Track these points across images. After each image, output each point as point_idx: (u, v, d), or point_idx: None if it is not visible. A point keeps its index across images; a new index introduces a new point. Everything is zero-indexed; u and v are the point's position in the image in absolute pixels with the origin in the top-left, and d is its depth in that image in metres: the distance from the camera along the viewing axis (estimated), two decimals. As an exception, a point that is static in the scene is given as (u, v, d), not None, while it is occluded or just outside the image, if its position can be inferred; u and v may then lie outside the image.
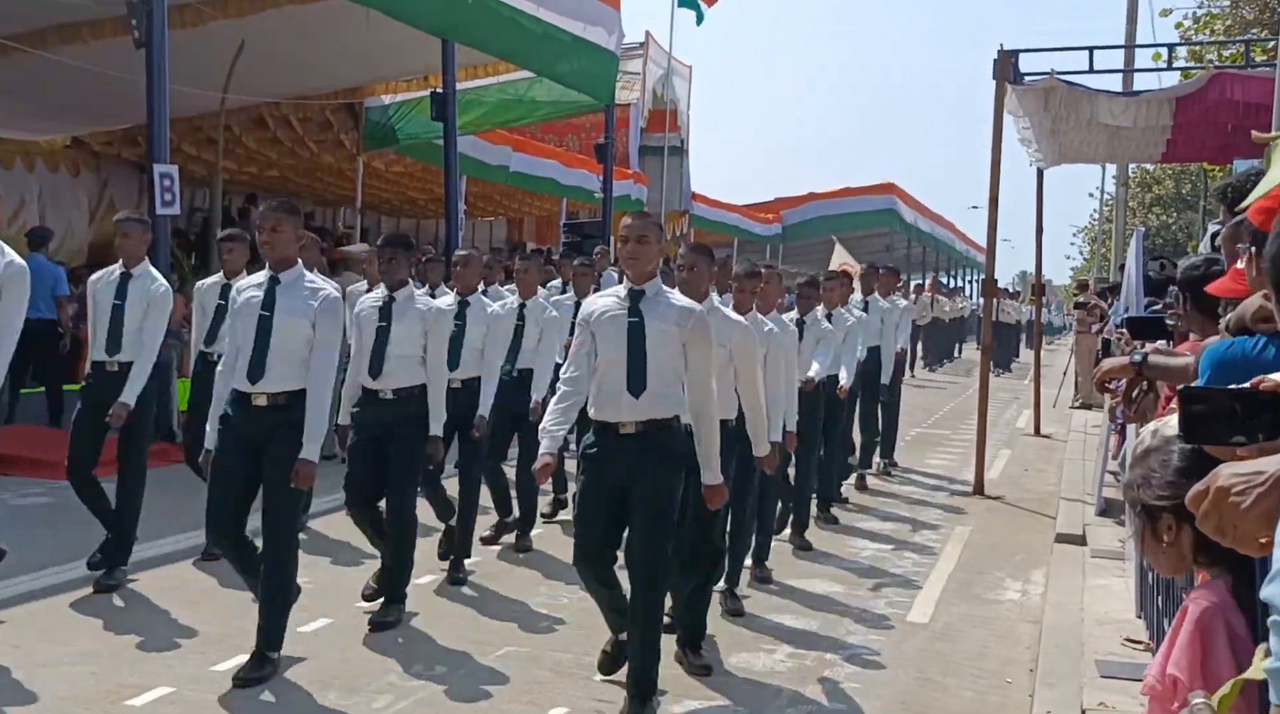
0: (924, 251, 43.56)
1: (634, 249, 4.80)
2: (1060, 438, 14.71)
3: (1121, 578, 7.09)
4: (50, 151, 15.75)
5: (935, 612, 6.76)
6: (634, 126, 24.84)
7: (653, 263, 4.83)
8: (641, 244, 4.81)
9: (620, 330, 4.75)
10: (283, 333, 5.09)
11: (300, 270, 5.23)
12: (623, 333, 4.74)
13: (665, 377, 4.74)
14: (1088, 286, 18.88)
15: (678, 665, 5.46)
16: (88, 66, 11.78)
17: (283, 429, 5.07)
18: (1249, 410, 1.83)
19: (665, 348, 4.72)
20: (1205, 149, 13.40)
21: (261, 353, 5.09)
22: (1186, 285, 4.10)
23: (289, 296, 5.14)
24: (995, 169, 11.14)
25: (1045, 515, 9.69)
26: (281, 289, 5.14)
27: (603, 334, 4.81)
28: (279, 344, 5.09)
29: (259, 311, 5.12)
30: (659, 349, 4.72)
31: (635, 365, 4.72)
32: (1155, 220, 43.69)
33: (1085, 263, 57.72)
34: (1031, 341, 29.19)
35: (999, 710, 5.23)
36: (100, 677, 5.03)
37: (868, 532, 8.97)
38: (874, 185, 37.33)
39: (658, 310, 4.77)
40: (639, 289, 4.80)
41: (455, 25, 12.72)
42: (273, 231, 5.12)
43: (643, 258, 4.81)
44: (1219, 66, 13.13)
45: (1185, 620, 2.14)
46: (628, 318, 4.76)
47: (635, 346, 4.73)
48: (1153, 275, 7.36)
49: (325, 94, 15.97)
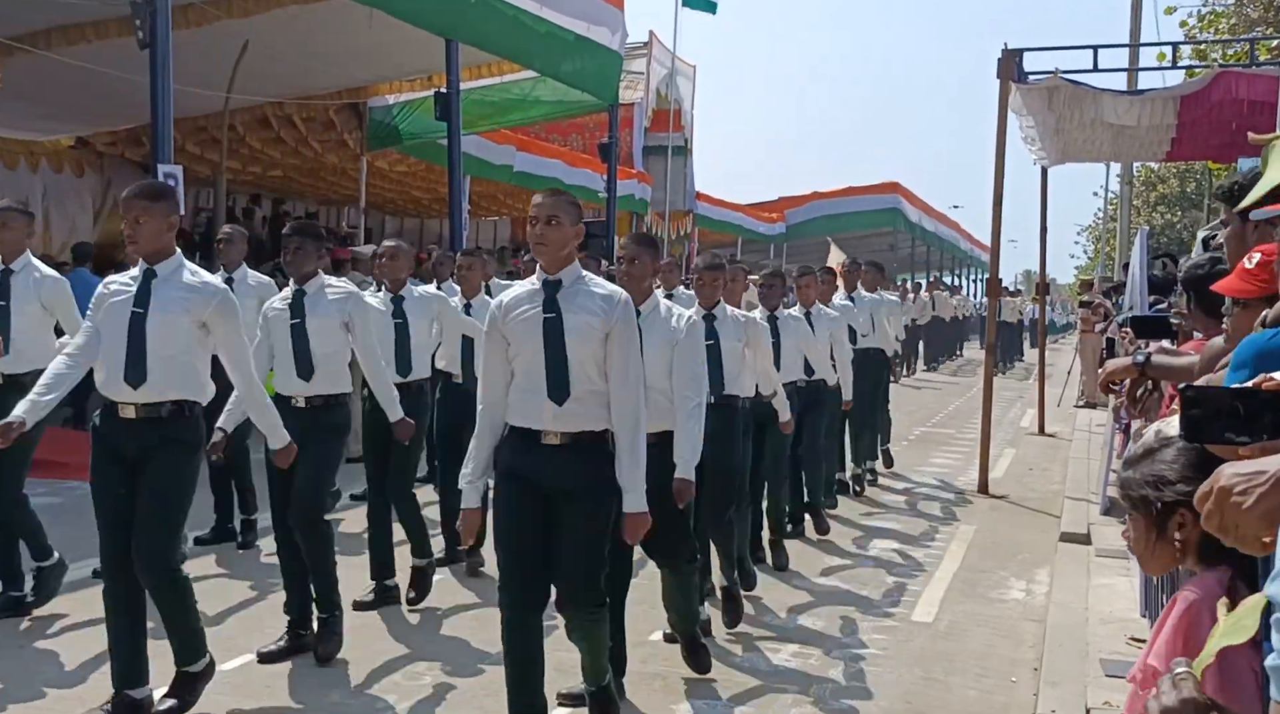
0: (928, 251, 43.53)
1: (543, 232, 4.10)
2: (1065, 437, 14.70)
3: (1126, 577, 7.09)
4: (54, 152, 15.78)
5: (940, 611, 6.76)
6: (638, 126, 24.83)
7: (568, 247, 4.13)
8: (552, 226, 4.10)
9: (535, 330, 4.08)
10: None
11: (180, 261, 4.62)
12: (538, 333, 4.08)
13: (594, 380, 4.10)
14: (1092, 285, 18.85)
15: (684, 664, 5.45)
16: (92, 67, 11.79)
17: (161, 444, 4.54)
18: (1250, 410, 1.83)
19: (589, 345, 4.08)
20: (1210, 148, 13.37)
21: None
22: (1190, 284, 4.10)
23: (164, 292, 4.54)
24: (999, 168, 11.13)
25: (1050, 514, 9.69)
26: (157, 283, 4.55)
27: (516, 336, 4.13)
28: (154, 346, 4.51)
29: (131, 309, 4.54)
30: (582, 347, 4.07)
31: (556, 369, 4.05)
32: (1160, 219, 43.64)
33: (1089, 262, 57.67)
34: (1034, 340, 29.18)
35: (1003, 710, 5.22)
36: (105, 676, 5.04)
37: (872, 530, 8.96)
38: (878, 184, 37.32)
39: (576, 301, 4.11)
40: (554, 279, 4.13)
41: (459, 25, 12.73)
42: (135, 223, 4.50)
43: (554, 242, 4.10)
44: (1223, 65, 13.12)
45: (1171, 613, 2.14)
46: (543, 314, 4.09)
47: (554, 347, 4.06)
48: (1157, 274, 7.35)
49: (329, 94, 15.97)
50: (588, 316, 4.07)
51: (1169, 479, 2.17)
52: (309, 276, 5.60)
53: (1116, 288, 16.61)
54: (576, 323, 4.06)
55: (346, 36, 13.16)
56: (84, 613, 5.87)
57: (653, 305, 4.95)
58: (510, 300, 4.21)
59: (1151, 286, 7.15)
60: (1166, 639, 2.12)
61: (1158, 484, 2.19)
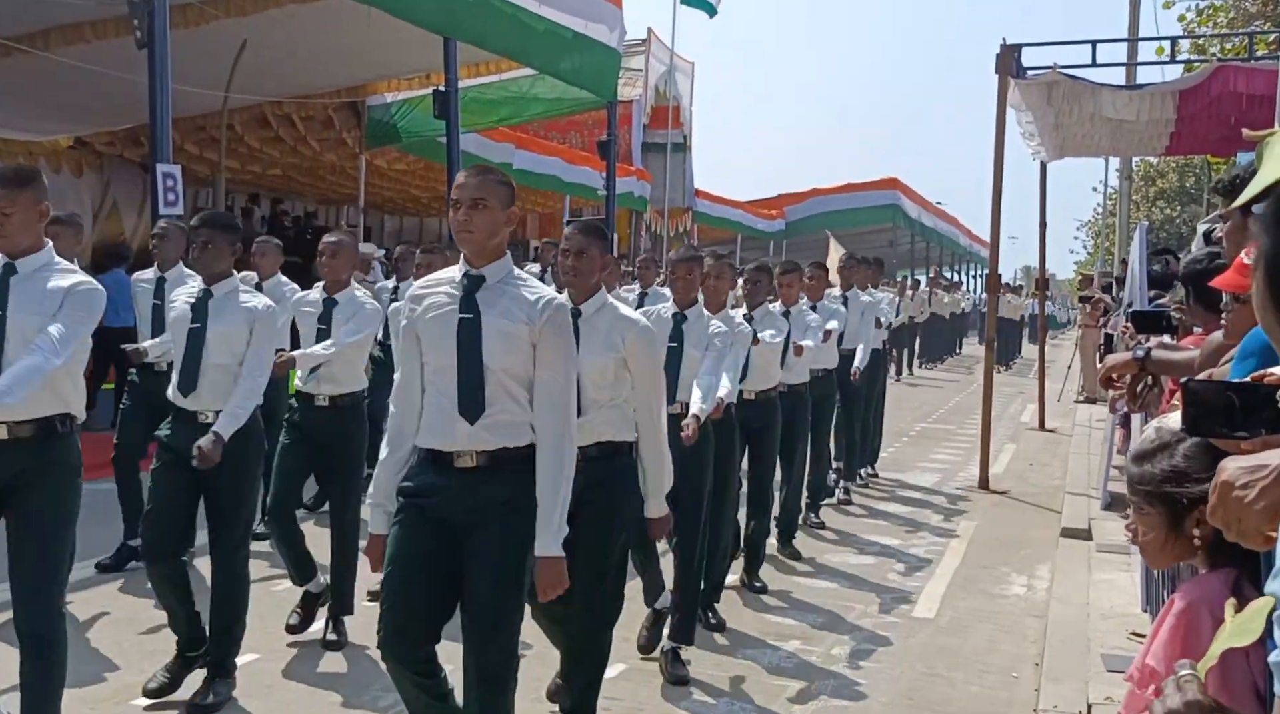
0: (928, 247, 43.52)
1: (467, 217, 3.47)
2: (1065, 432, 14.70)
3: (1127, 572, 7.09)
4: (53, 152, 15.77)
5: (941, 606, 6.77)
6: (636, 123, 24.84)
7: (497, 236, 3.51)
8: (478, 210, 3.46)
9: (448, 331, 3.47)
10: None
11: (48, 256, 3.98)
12: (451, 334, 3.47)
13: (514, 393, 3.47)
14: (1093, 280, 18.84)
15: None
16: (90, 67, 11.79)
17: None
18: (1251, 404, 1.82)
19: (511, 354, 3.45)
20: (1209, 142, 13.37)
21: None
22: (1189, 279, 4.10)
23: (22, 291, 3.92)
24: (999, 164, 11.14)
25: (1050, 510, 9.69)
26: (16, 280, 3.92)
27: (429, 336, 3.51)
28: None
29: None
30: (503, 356, 3.44)
31: (469, 379, 3.44)
32: (1159, 214, 43.60)
33: (1089, 257, 57.66)
34: (1033, 337, 29.14)
35: (1005, 705, 5.23)
36: (109, 677, 5.04)
37: (873, 526, 8.97)
38: (877, 181, 37.33)
39: (500, 303, 3.49)
40: (477, 273, 3.52)
41: (457, 23, 12.71)
42: (2, 215, 3.86)
43: (481, 228, 3.48)
44: (1222, 59, 13.09)
45: (1170, 613, 2.13)
46: (458, 314, 3.48)
47: (469, 353, 3.45)
48: (1156, 269, 7.35)
49: (327, 93, 15.97)
50: (509, 322, 3.45)
51: (1190, 474, 2.15)
52: (220, 276, 4.92)
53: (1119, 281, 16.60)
54: (497, 327, 3.45)
55: (345, 35, 13.15)
56: (83, 611, 5.87)
57: (597, 305, 4.28)
58: (423, 289, 3.61)
59: (1151, 281, 7.15)
60: (1165, 640, 2.11)
61: (1179, 480, 2.18)
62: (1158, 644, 2.12)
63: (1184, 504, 2.17)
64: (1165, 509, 2.21)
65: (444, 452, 3.47)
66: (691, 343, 5.44)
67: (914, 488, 10.78)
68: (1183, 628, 2.09)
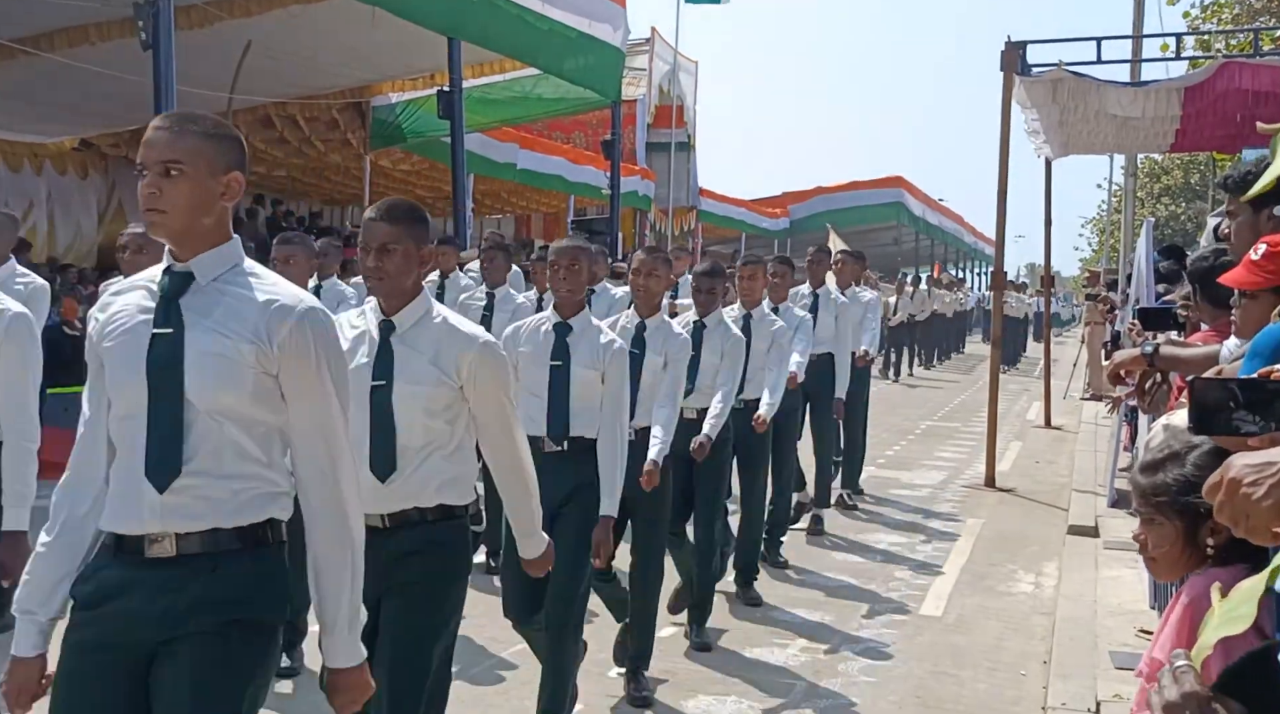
0: (932, 244, 43.51)
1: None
2: (1071, 429, 14.68)
3: (1134, 569, 7.08)
4: (58, 153, 15.81)
5: (948, 604, 6.76)
6: (640, 122, 24.85)
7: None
8: (170, 179, 2.37)
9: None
10: None
11: None
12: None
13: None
14: (1099, 277, 18.82)
15: (692, 660, 5.46)
16: (95, 68, 11.82)
17: None
18: (1259, 400, 1.82)
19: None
20: (1214, 138, 13.34)
21: None
22: (1196, 277, 4.10)
23: None
24: (1004, 161, 11.12)
25: (1057, 507, 9.68)
26: None
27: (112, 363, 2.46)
28: None
29: None
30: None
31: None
32: (1164, 211, 43.54)
33: (1094, 254, 57.59)
34: (1038, 335, 28.99)
35: (1013, 703, 5.22)
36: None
37: (880, 524, 8.96)
38: (882, 179, 37.39)
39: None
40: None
41: (461, 23, 12.73)
42: None
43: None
44: (1227, 55, 13.07)
45: (1176, 606, 2.13)
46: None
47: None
48: (1163, 269, 7.34)
49: (332, 93, 16.01)
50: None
51: None
52: None
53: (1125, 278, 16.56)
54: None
55: (349, 36, 13.18)
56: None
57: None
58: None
59: (1159, 278, 7.14)
60: (1171, 635, 2.11)
61: (1195, 489, 2.16)
62: (1164, 638, 2.13)
63: (1201, 512, 2.15)
64: (1180, 520, 2.19)
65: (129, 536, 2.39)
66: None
67: (920, 486, 10.77)
68: (1188, 621, 2.09)
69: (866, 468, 10.18)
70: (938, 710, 5.11)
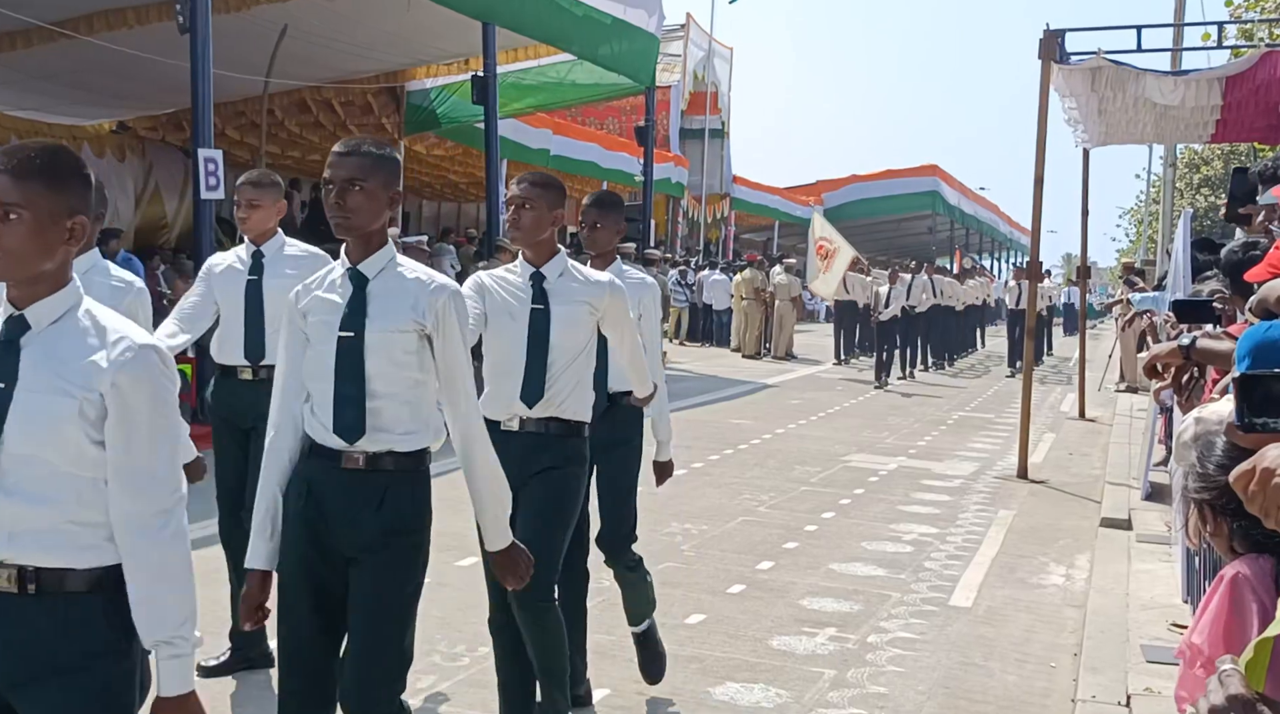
0: (967, 234, 43.26)
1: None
2: (1105, 421, 14.57)
3: (1167, 563, 7.03)
4: (97, 136, 15.95)
5: (978, 596, 6.73)
6: (674, 109, 24.84)
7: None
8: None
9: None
10: None
11: None
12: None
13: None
14: (1134, 267, 18.66)
15: (721, 647, 5.46)
16: (133, 52, 11.91)
17: None
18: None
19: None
20: (1255, 129, 13.15)
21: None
22: (1228, 269, 4.06)
23: None
24: (1041, 149, 11.02)
25: (1090, 500, 9.61)
26: None
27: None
28: None
29: None
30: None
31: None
32: (1203, 202, 43.04)
33: (1132, 245, 57.07)
34: (1067, 329, 28.71)
35: (1043, 695, 5.20)
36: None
37: (909, 515, 8.92)
38: (917, 167, 37.20)
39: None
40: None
41: (495, 8, 12.75)
42: None
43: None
44: (1270, 44, 12.89)
45: (1216, 590, 2.12)
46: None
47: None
48: (1203, 258, 7.26)
49: (367, 78, 16.07)
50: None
51: None
52: None
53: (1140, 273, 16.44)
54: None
55: (384, 20, 13.23)
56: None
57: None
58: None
59: (1197, 270, 7.06)
60: (1210, 617, 2.10)
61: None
62: (1204, 621, 2.12)
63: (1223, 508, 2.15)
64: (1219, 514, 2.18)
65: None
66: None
67: (951, 477, 10.72)
68: (1227, 603, 2.08)
69: (897, 458, 10.02)
70: (966, 701, 5.09)
